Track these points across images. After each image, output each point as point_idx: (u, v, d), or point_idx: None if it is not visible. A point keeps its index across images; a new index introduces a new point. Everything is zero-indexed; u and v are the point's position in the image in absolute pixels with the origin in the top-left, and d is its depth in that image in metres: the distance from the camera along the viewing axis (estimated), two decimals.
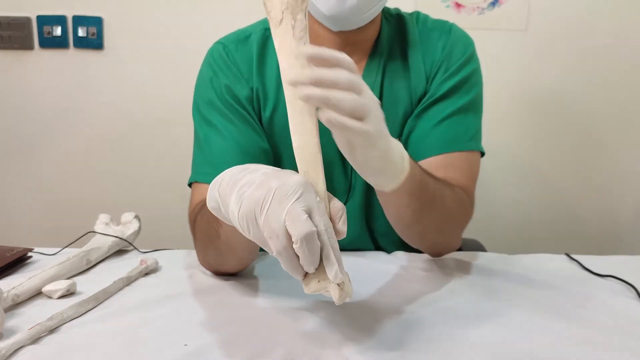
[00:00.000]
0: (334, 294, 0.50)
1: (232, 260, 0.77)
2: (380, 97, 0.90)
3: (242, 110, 0.86)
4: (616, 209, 1.77)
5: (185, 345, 0.60)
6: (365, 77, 0.89)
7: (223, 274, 0.81)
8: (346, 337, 0.63)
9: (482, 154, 0.92)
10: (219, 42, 0.93)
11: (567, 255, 1.01)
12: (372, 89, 0.87)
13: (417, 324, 0.68)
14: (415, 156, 0.84)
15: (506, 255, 0.99)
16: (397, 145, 0.60)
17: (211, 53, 0.92)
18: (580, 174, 1.74)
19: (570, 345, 0.64)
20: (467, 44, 0.92)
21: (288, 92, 0.53)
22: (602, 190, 1.75)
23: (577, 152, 1.73)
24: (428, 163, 0.85)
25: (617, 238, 1.78)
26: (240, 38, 0.91)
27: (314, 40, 0.88)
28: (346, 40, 0.88)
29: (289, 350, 0.60)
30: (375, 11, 0.85)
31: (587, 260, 0.97)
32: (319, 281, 0.50)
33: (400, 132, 0.91)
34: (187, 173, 0.89)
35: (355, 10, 0.81)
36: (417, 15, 0.95)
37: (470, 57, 0.90)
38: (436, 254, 0.89)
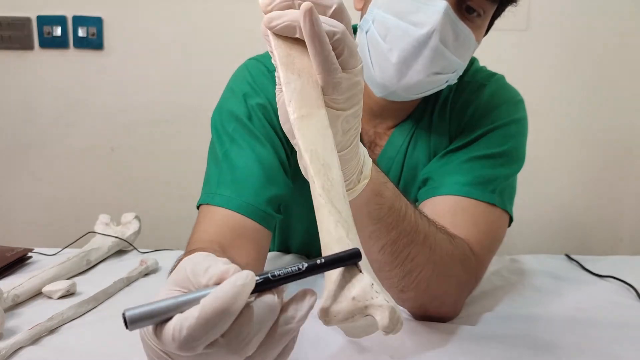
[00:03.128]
0: (382, 317, 0.32)
1: None
2: (402, 163, 0.83)
3: (272, 133, 0.75)
4: (616, 209, 1.77)
5: None
6: (393, 139, 0.83)
7: None
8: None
9: (511, 220, 0.79)
10: (257, 60, 0.83)
11: (567, 255, 1.01)
12: (397, 153, 0.83)
13: (415, 323, 0.68)
14: (425, 196, 0.77)
15: (506, 256, 0.99)
16: (362, 148, 0.51)
17: (248, 69, 0.82)
18: (580, 174, 1.74)
19: (569, 343, 0.64)
20: (502, 100, 0.82)
21: (280, 51, 0.42)
22: (602, 190, 1.75)
23: (576, 152, 1.73)
24: (435, 203, 0.74)
25: (617, 238, 1.78)
26: None
27: None
28: (388, 106, 0.81)
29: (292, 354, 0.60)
30: (430, 93, 0.77)
31: (587, 260, 0.97)
32: (353, 298, 0.33)
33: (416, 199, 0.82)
34: (187, 173, 0.89)
35: (409, 90, 0.74)
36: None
37: (506, 110, 0.81)
38: (425, 317, 0.70)
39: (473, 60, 0.86)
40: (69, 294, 0.76)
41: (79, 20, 1.65)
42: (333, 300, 0.33)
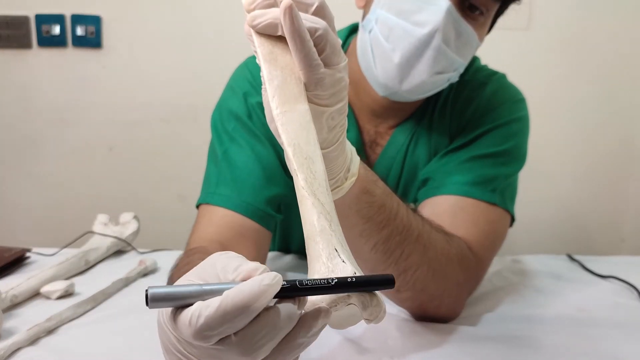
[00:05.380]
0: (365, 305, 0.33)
1: None
2: (403, 163, 0.83)
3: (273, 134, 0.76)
4: (618, 209, 1.77)
5: None
6: (394, 138, 0.83)
7: None
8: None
9: (512, 220, 0.78)
10: None
11: (569, 255, 1.01)
12: (398, 153, 0.82)
13: (415, 324, 0.67)
14: (424, 196, 0.77)
15: (507, 256, 0.98)
16: (350, 146, 0.51)
17: (249, 67, 0.81)
18: (581, 174, 1.74)
19: (571, 344, 0.63)
20: (503, 98, 0.82)
21: (263, 49, 0.43)
22: (604, 190, 1.75)
23: (578, 152, 1.72)
24: (435, 203, 0.74)
25: (619, 238, 1.78)
26: None
27: (354, 89, 0.80)
28: (390, 105, 0.80)
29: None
30: (432, 93, 0.77)
31: (589, 260, 0.97)
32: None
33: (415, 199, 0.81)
34: (186, 172, 0.88)
35: (411, 91, 0.73)
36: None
37: (507, 109, 0.80)
38: (425, 317, 0.69)
39: (474, 59, 0.86)
40: (67, 294, 0.75)
41: (77, 19, 1.65)
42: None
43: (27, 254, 0.91)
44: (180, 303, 0.30)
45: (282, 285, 0.30)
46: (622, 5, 1.62)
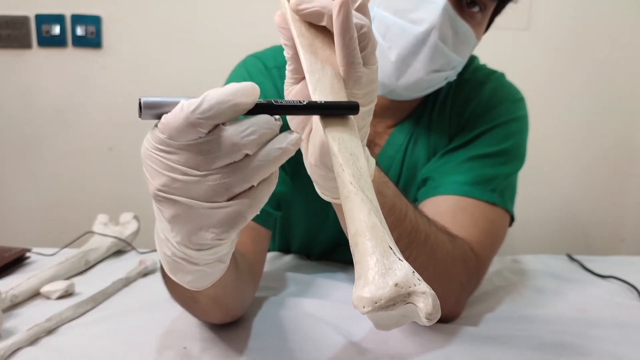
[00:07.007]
0: (426, 304, 0.31)
1: (221, 315, 0.63)
2: (402, 162, 0.83)
3: None
4: (618, 209, 1.77)
5: (185, 347, 0.59)
6: (392, 138, 0.83)
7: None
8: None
9: (512, 220, 0.79)
10: (256, 58, 0.82)
11: (568, 255, 1.01)
12: (397, 152, 0.82)
13: (416, 324, 0.67)
14: (424, 195, 0.77)
15: (507, 256, 0.98)
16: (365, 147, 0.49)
17: (246, 67, 0.82)
18: (581, 174, 1.74)
19: (571, 344, 0.63)
20: (502, 98, 0.82)
21: (303, 40, 0.41)
22: (604, 189, 1.75)
23: (578, 152, 1.72)
24: (435, 203, 0.74)
25: (618, 238, 1.78)
26: (279, 61, 0.79)
27: None
28: (388, 105, 0.80)
29: (293, 355, 0.59)
30: (429, 92, 0.78)
31: (589, 260, 0.97)
32: (396, 284, 0.32)
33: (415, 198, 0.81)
34: None
35: (408, 89, 0.74)
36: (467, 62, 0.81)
37: (506, 108, 0.80)
38: None
39: (473, 58, 0.86)
40: (67, 294, 0.75)
41: (77, 19, 1.65)
42: (373, 287, 0.32)
43: (27, 254, 0.91)
44: (170, 109, 0.33)
45: (259, 102, 0.33)
46: (621, 5, 1.62)
